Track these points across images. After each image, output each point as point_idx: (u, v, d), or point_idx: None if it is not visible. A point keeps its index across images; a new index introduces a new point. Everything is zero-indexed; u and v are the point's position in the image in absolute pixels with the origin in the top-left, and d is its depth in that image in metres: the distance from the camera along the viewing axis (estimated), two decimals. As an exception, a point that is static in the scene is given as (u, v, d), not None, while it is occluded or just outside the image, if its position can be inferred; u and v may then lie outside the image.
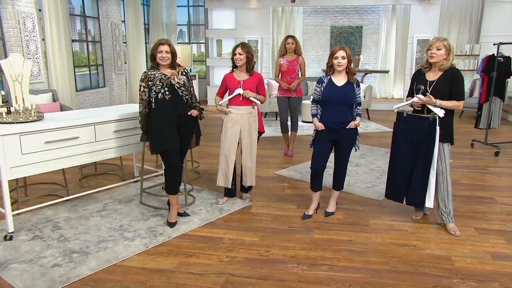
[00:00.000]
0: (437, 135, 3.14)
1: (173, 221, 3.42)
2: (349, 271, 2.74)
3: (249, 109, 3.72)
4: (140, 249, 3.01)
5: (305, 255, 2.94)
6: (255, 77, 3.75)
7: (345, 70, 3.38)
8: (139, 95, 3.33)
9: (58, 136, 3.33)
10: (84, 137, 3.52)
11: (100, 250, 2.99)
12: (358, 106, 3.44)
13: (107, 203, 3.92)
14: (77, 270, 2.72)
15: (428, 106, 3.14)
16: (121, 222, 3.49)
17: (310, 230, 3.35)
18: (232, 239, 3.20)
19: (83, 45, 8.97)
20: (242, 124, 3.72)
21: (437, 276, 2.67)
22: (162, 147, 3.33)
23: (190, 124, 3.46)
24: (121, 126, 3.78)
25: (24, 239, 3.18)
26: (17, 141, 3.08)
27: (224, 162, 3.76)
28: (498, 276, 2.68)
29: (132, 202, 3.94)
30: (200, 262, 2.84)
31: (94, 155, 3.64)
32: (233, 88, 3.69)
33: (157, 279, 2.64)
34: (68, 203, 3.88)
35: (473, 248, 3.05)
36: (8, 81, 4.02)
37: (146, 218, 3.57)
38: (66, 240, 3.16)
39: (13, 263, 2.82)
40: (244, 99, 3.68)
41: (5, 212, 3.17)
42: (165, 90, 3.27)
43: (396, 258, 2.91)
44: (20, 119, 3.23)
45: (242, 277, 2.67)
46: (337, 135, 3.40)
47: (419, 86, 3.20)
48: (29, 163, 3.17)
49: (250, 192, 4.06)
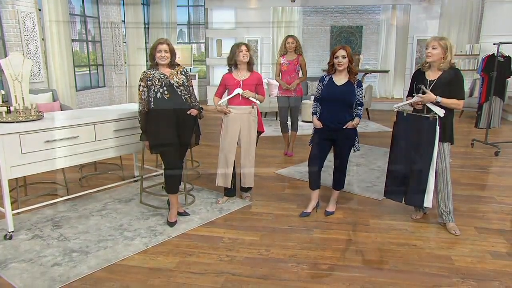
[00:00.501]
0: (437, 135, 3.14)
1: (173, 221, 3.42)
2: (349, 271, 2.73)
3: (249, 109, 3.72)
4: (140, 249, 3.01)
5: (305, 255, 2.94)
6: (254, 76, 3.75)
7: (347, 69, 3.38)
8: (139, 94, 3.33)
9: (58, 136, 3.33)
10: (84, 136, 3.51)
11: (100, 250, 2.99)
12: (359, 107, 3.43)
13: (107, 202, 3.92)
14: (77, 270, 2.72)
15: (428, 105, 3.14)
16: (121, 222, 3.49)
17: (310, 230, 3.34)
18: (232, 238, 3.20)
19: (83, 45, 8.97)
20: (242, 124, 3.72)
21: (437, 276, 2.67)
22: (161, 146, 3.34)
23: (189, 123, 3.46)
24: (121, 125, 3.77)
25: (24, 238, 3.18)
26: (17, 141, 3.07)
27: (223, 162, 3.76)
28: (498, 275, 2.68)
29: (132, 202, 3.94)
30: (200, 262, 2.84)
31: (94, 155, 3.64)
32: (233, 88, 3.69)
33: (157, 278, 2.64)
34: (68, 202, 3.88)
35: (473, 247, 3.04)
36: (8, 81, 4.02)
37: (146, 218, 3.57)
38: (66, 240, 3.16)
39: (13, 262, 2.82)
40: (244, 99, 3.68)
41: (5, 212, 3.17)
42: (164, 90, 3.27)
43: (396, 257, 2.91)
44: (20, 118, 3.22)
45: (242, 276, 2.67)
46: (334, 134, 3.40)
47: (419, 85, 3.20)
48: (29, 162, 3.16)
49: (250, 192, 4.05)
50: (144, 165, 3.97)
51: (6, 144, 3.02)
